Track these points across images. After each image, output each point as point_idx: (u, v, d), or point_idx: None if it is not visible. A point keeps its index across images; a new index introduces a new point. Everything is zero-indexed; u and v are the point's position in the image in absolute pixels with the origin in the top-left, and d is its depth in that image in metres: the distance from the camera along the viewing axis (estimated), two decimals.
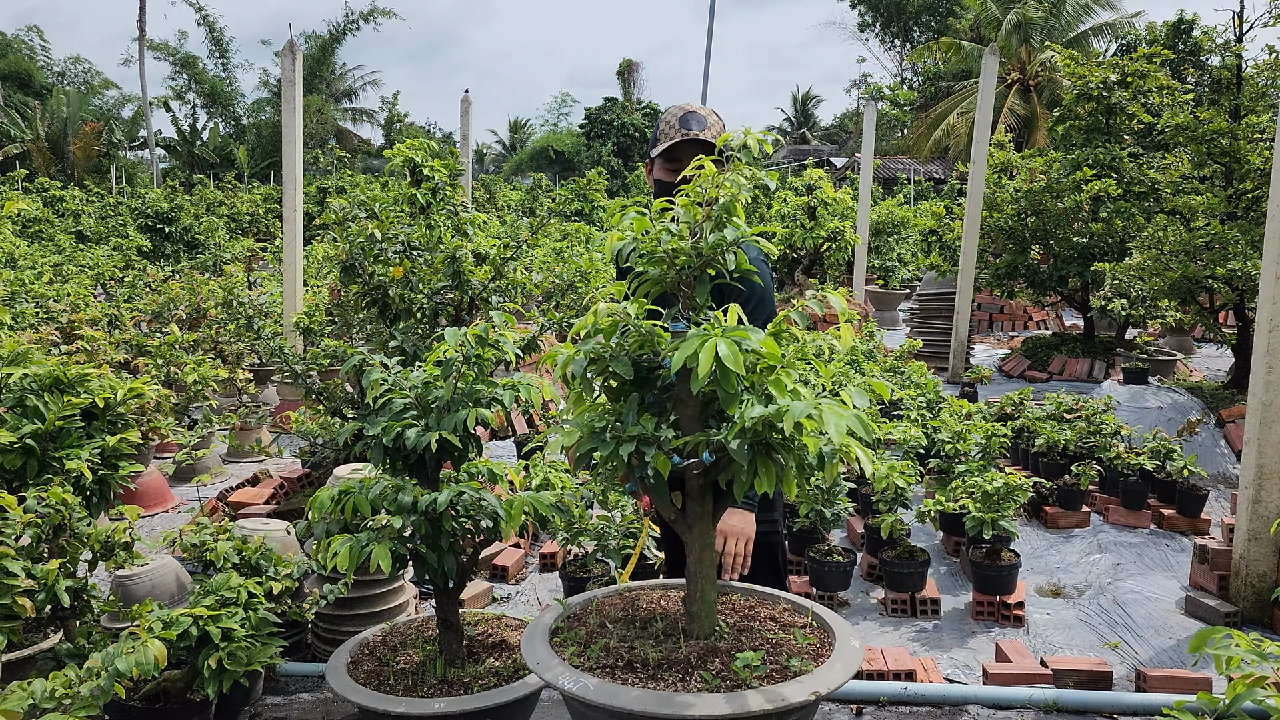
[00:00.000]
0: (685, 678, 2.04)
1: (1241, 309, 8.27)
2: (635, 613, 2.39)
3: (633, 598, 2.51)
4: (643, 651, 2.14)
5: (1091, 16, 31.37)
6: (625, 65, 45.05)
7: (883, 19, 41.50)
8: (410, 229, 5.01)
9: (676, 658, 2.11)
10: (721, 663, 2.09)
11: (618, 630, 2.28)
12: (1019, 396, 7.08)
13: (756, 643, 2.19)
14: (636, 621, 2.33)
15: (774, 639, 2.21)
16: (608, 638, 2.23)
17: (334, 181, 25.25)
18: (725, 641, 2.18)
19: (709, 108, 3.02)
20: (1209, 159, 8.67)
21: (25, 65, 37.22)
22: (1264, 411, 4.40)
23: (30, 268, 11.72)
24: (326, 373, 7.09)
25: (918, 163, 32.41)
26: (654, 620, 2.32)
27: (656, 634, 2.24)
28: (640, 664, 2.10)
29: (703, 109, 2.98)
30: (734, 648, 2.15)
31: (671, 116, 2.96)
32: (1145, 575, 5.11)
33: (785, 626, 2.30)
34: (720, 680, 2.02)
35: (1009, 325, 14.38)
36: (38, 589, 2.92)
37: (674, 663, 2.09)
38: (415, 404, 2.86)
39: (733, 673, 2.04)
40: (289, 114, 7.66)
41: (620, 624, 2.32)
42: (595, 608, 2.43)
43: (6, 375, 3.38)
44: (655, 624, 2.30)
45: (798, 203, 12.80)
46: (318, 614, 3.86)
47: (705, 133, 2.90)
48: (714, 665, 2.08)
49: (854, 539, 5.63)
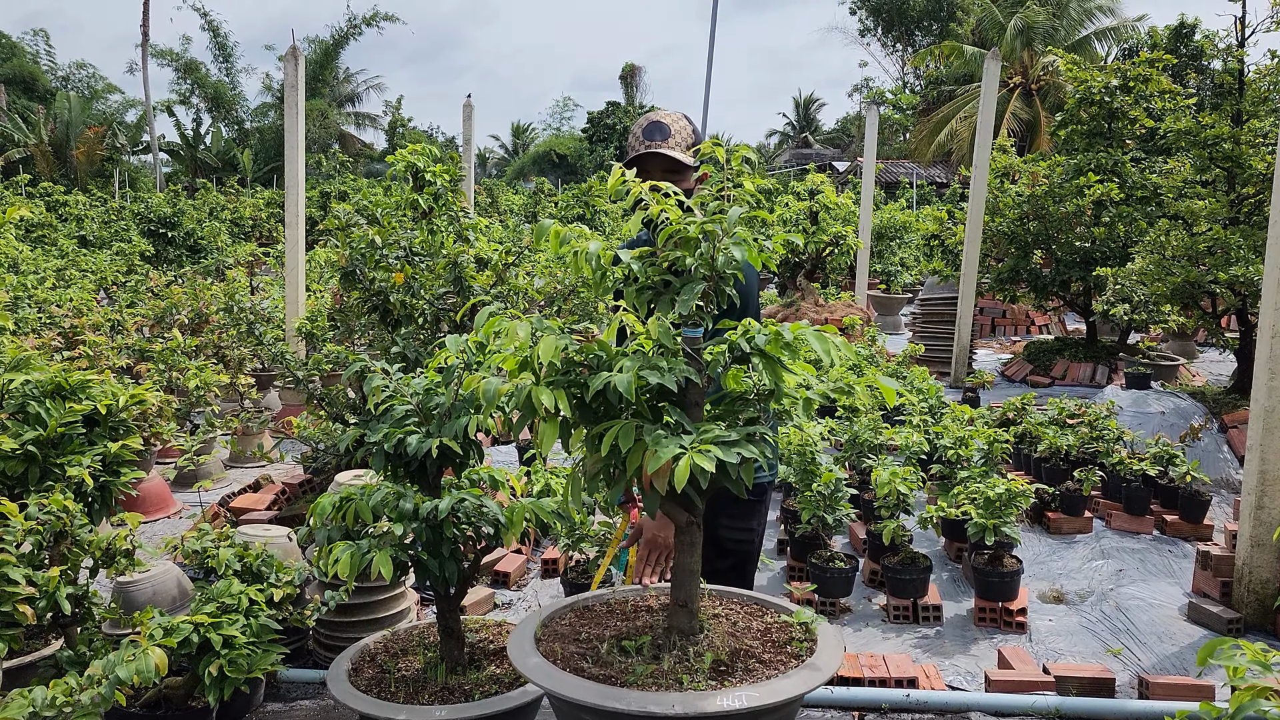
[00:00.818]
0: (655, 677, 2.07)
1: (1244, 314, 8.25)
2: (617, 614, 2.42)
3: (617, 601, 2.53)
4: (609, 650, 2.17)
5: (1094, 21, 31.41)
6: (628, 69, 45.09)
7: (884, 23, 41.55)
8: (412, 234, 5.02)
9: (649, 657, 2.15)
10: (687, 663, 2.11)
11: (590, 630, 2.31)
12: (1021, 401, 7.07)
13: (732, 647, 2.19)
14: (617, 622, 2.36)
15: (751, 646, 2.21)
16: (583, 637, 2.27)
17: (336, 186, 25.28)
18: (700, 645, 2.19)
19: (679, 113, 2.99)
20: (1211, 164, 8.67)
21: (30, 69, 37.30)
22: (1266, 417, 4.39)
23: (33, 272, 11.74)
24: (328, 378, 7.10)
25: (920, 167, 32.43)
26: (638, 619, 2.35)
27: (636, 635, 2.27)
28: (604, 660, 2.14)
29: (670, 116, 2.95)
30: (708, 650, 2.16)
31: (638, 127, 2.95)
32: (1148, 581, 5.10)
33: (771, 632, 2.30)
34: (678, 680, 2.04)
35: (1011, 330, 14.37)
36: (39, 596, 2.92)
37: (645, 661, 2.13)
38: (417, 410, 2.86)
39: (687, 675, 2.06)
40: (291, 119, 7.67)
41: (600, 624, 2.35)
42: (580, 609, 2.46)
43: (8, 381, 3.38)
44: (640, 621, 2.33)
45: (800, 207, 12.80)
46: (319, 620, 3.86)
47: (667, 143, 2.88)
48: (684, 664, 2.11)
49: (856, 545, 5.63)
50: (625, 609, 2.45)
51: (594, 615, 2.42)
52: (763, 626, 2.33)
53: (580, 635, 2.28)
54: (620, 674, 2.06)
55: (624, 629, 2.30)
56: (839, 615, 4.77)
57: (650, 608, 2.44)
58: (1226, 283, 7.66)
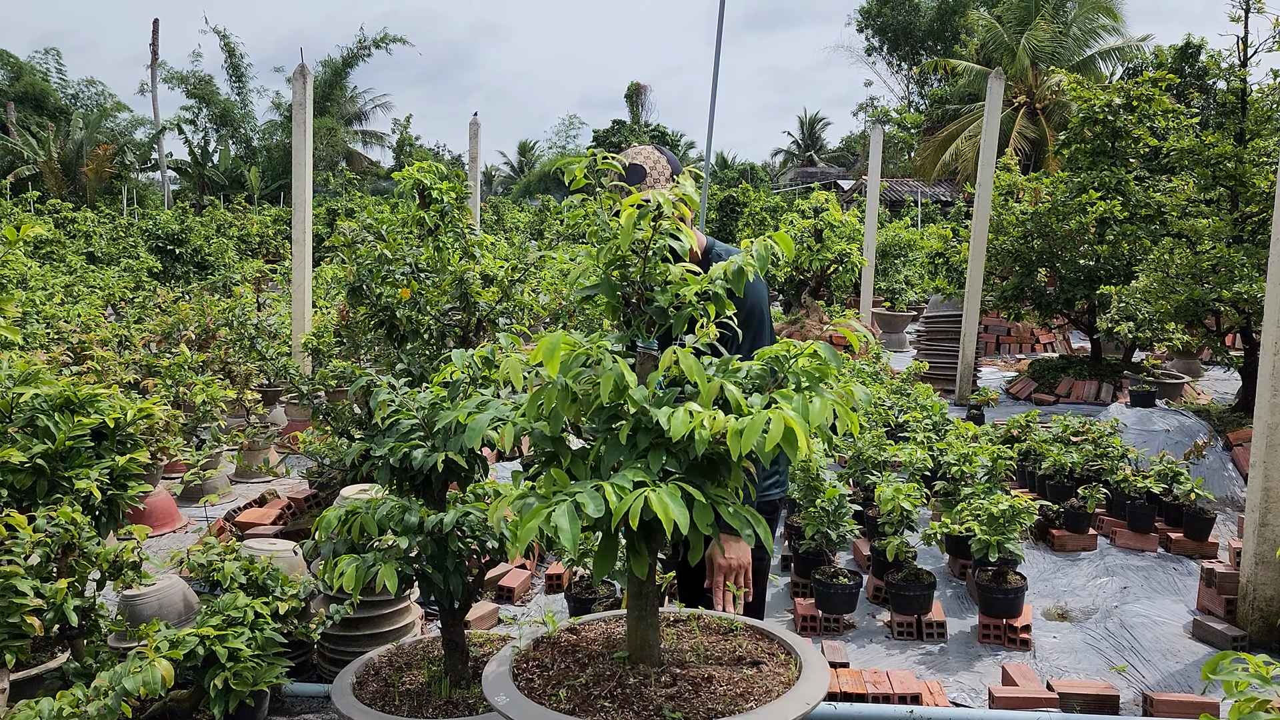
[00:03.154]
0: (623, 708, 1.97)
1: (1249, 332, 8.26)
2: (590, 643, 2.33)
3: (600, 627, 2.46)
4: (575, 679, 2.09)
5: (1098, 41, 31.53)
6: (633, 88, 45.31)
7: (890, 42, 41.75)
8: (418, 251, 5.05)
9: (619, 687, 2.06)
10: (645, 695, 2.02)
11: (563, 662, 2.24)
12: (1026, 419, 7.08)
13: (697, 679, 2.08)
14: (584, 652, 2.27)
15: (722, 676, 2.11)
16: (556, 668, 2.19)
17: (343, 203, 25.39)
18: (665, 675, 2.10)
19: (656, 149, 2.92)
20: (1214, 182, 8.69)
21: (41, 87, 37.59)
22: (1270, 435, 4.40)
23: (42, 288, 11.80)
24: (334, 393, 7.13)
25: (925, 185, 32.51)
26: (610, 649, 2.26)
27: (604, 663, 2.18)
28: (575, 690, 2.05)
29: (644, 154, 2.88)
30: (673, 681, 2.07)
31: (620, 167, 2.96)
32: (1152, 599, 5.09)
33: (745, 662, 2.20)
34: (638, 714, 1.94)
35: (1016, 347, 14.37)
36: (46, 608, 2.94)
37: (611, 693, 2.03)
38: (422, 425, 2.88)
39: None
40: (299, 138, 7.73)
41: (569, 655, 2.28)
42: (555, 640, 2.39)
43: (18, 395, 3.41)
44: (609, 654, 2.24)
45: (804, 225, 12.84)
46: (324, 634, 3.87)
47: (641, 185, 2.81)
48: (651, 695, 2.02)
49: (860, 561, 5.63)
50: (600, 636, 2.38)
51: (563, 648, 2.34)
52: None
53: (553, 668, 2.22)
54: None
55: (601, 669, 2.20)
56: (843, 631, 4.77)
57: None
58: (1230, 300, 7.67)
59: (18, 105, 35.60)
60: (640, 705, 1.98)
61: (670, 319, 2.11)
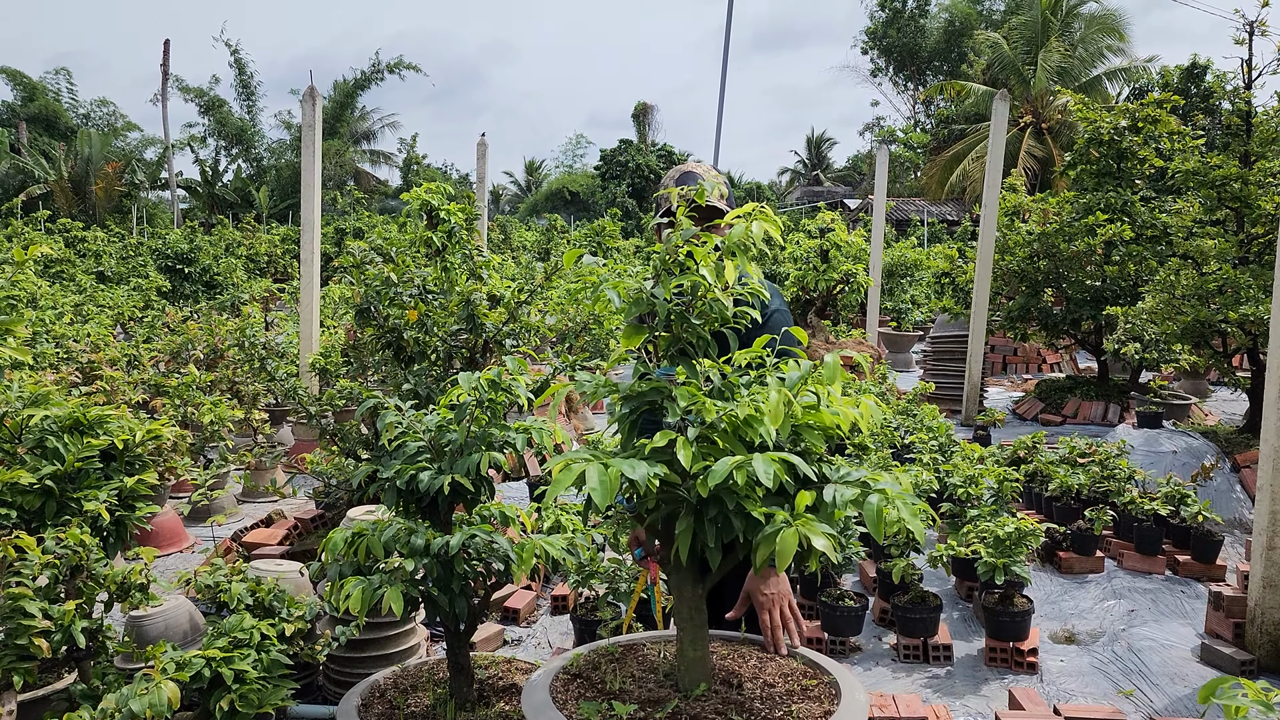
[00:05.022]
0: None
1: (1255, 353, 8.25)
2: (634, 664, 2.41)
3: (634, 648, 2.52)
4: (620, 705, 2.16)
5: (1105, 61, 31.63)
6: (640, 108, 45.48)
7: (895, 63, 41.90)
8: (425, 272, 5.08)
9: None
10: None
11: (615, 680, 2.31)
12: (1032, 440, 7.07)
13: (743, 704, 2.17)
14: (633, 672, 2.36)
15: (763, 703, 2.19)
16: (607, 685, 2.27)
17: (351, 223, 25.49)
18: (711, 701, 2.17)
19: (707, 165, 3.03)
20: (1220, 204, 8.71)
21: (52, 107, 37.90)
22: (1277, 458, 4.39)
23: (51, 308, 11.85)
24: (341, 414, 7.14)
25: (931, 204, 32.54)
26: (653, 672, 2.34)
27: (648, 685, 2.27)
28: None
29: (700, 168, 2.98)
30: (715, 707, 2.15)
31: (669, 179, 3.00)
32: (1160, 622, 5.07)
33: (788, 692, 2.28)
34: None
35: (1023, 368, 14.35)
36: (54, 629, 2.95)
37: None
38: (429, 447, 2.89)
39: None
40: (308, 158, 7.79)
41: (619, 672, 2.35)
42: (595, 659, 2.46)
43: (28, 417, 3.43)
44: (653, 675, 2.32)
45: (811, 245, 12.86)
46: (329, 656, 3.87)
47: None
48: None
49: (866, 583, 5.61)
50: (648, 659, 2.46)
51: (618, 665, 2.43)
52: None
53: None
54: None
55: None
56: (848, 654, 4.75)
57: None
58: (1237, 322, 7.66)
59: (30, 125, 35.89)
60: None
61: (709, 346, 2.20)
